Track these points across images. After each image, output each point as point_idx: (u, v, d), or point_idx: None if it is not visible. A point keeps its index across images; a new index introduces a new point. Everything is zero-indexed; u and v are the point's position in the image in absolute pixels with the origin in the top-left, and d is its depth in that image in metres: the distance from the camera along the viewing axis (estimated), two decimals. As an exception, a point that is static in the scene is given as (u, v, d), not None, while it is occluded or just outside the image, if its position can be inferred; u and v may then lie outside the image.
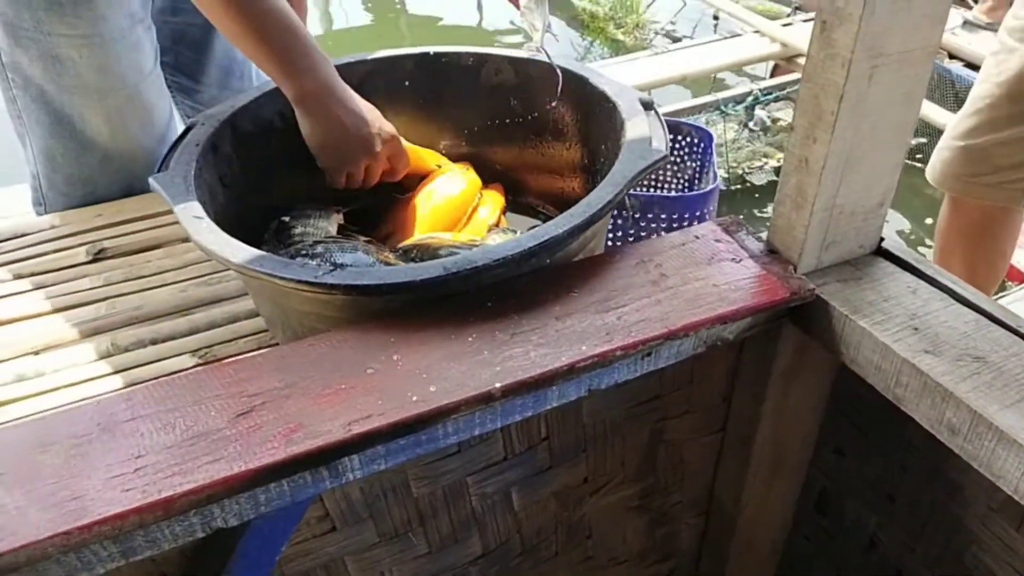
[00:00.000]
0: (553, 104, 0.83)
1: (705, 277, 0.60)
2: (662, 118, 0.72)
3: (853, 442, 0.76)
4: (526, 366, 0.52)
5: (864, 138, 0.56)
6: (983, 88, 1.27)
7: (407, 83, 0.89)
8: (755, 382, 0.71)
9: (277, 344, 0.76)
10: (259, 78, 1.20)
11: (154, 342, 0.77)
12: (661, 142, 0.68)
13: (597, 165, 0.81)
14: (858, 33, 0.50)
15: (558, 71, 0.80)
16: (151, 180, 0.67)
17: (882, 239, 0.65)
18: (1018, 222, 1.42)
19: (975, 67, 2.73)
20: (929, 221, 2.63)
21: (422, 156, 0.87)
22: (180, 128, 1.04)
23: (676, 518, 0.87)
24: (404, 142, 0.83)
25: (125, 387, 0.72)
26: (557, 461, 0.72)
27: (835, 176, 0.57)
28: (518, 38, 4.71)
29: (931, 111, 2.56)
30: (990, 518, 0.64)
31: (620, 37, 4.43)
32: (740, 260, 0.62)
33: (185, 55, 1.09)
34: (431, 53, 0.89)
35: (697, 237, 0.65)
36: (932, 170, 1.38)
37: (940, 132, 2.64)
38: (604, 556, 0.86)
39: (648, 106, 0.73)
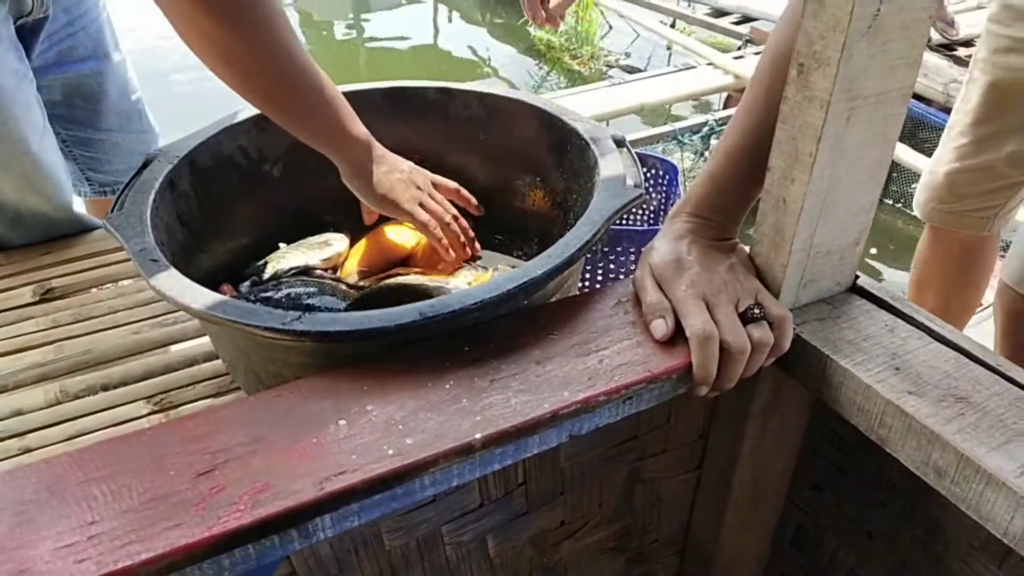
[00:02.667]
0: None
1: (685, 317, 0.59)
2: (635, 155, 0.71)
3: (830, 478, 0.75)
4: (507, 414, 0.50)
5: (841, 178, 0.56)
6: (953, 118, 1.31)
7: (376, 116, 0.87)
8: (734, 420, 0.70)
9: (238, 388, 0.72)
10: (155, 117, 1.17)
11: (105, 388, 0.73)
12: (635, 180, 0.67)
13: (569, 202, 0.80)
14: (836, 76, 0.50)
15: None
16: (104, 221, 0.64)
17: (857, 276, 0.65)
18: (993, 255, 1.44)
19: (924, 100, 2.83)
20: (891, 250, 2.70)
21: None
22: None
23: (652, 557, 0.85)
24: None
25: (75, 436, 0.68)
26: (534, 505, 0.70)
27: (813, 216, 0.56)
28: (471, 59, 4.74)
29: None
30: (972, 556, 0.64)
31: (576, 67, 4.50)
32: (718, 299, 0.61)
33: (80, 107, 1.04)
34: (399, 87, 0.88)
35: (674, 275, 0.64)
36: (915, 199, 1.41)
37: (900, 168, 2.69)
38: (580, 600, 0.84)
39: (620, 143, 0.73)
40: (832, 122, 0.52)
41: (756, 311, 0.55)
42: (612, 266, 1.05)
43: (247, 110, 0.79)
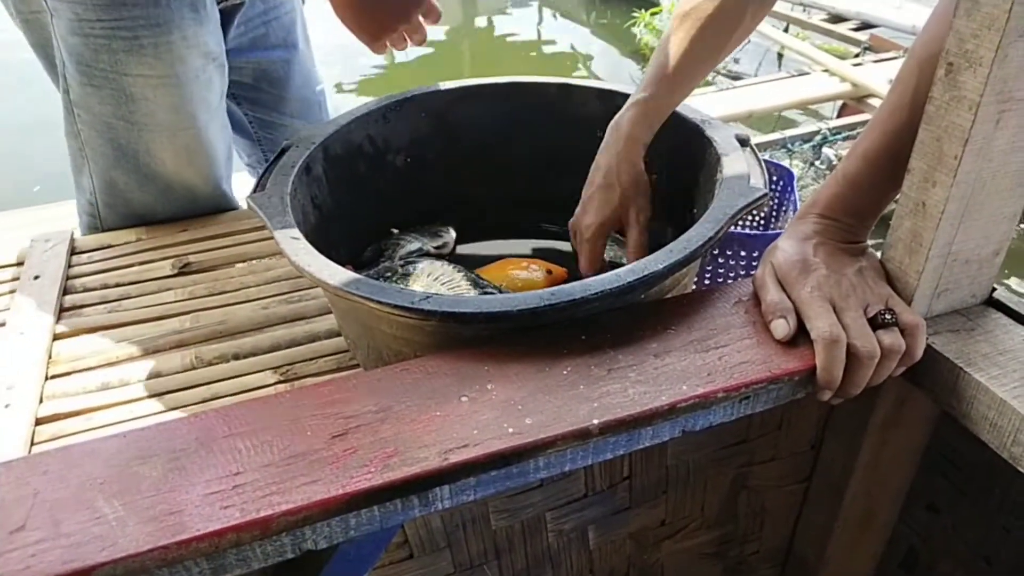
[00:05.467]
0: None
1: (807, 320, 0.58)
2: (759, 155, 0.71)
3: (949, 499, 0.72)
4: (624, 403, 0.51)
5: (986, 183, 0.53)
6: None
7: (492, 111, 0.89)
8: (850, 431, 0.68)
9: (357, 365, 0.76)
10: (335, 110, 1.23)
11: (236, 357, 0.78)
12: (760, 180, 0.67)
13: (685, 201, 0.80)
14: (988, 77, 0.48)
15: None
16: (248, 199, 0.68)
17: (993, 289, 0.62)
18: None
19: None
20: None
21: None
22: (234, 158, 1.07)
23: (752, 568, 0.84)
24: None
25: (209, 399, 0.73)
26: (637, 501, 0.70)
27: (953, 222, 0.54)
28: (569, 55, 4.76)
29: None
30: (1107, 593, 0.60)
31: (682, 72, 4.41)
32: (843, 304, 0.60)
33: (267, 92, 1.12)
34: (518, 82, 0.90)
35: (796, 278, 0.63)
36: None
37: None
38: (674, 603, 0.83)
39: (744, 143, 0.72)
40: (980, 124, 0.50)
41: (887, 316, 0.54)
42: (721, 270, 1.04)
43: (377, 101, 0.83)
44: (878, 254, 0.61)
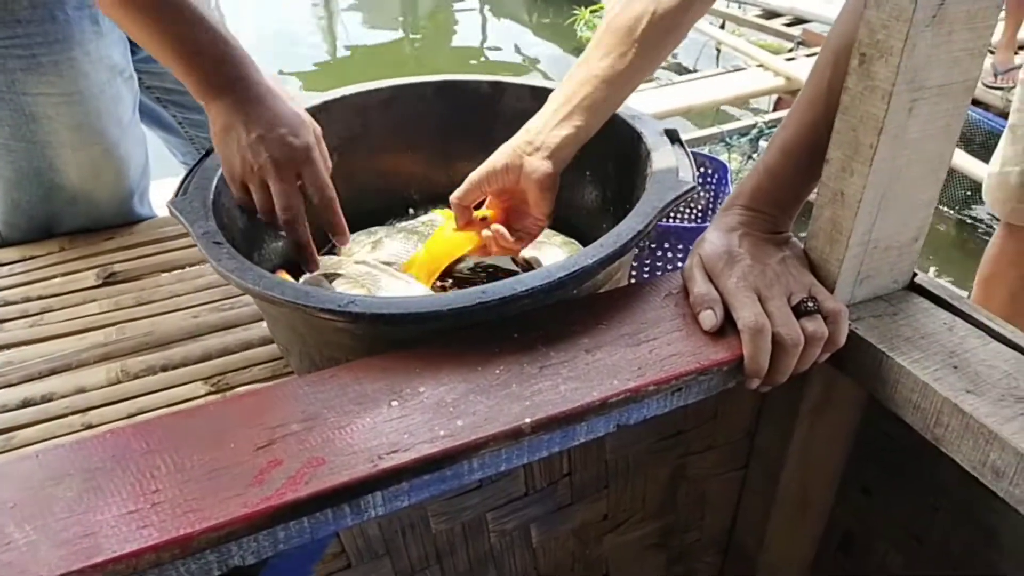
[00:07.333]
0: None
1: (736, 311, 0.59)
2: (688, 150, 0.71)
3: (881, 481, 0.74)
4: (556, 400, 0.51)
5: (901, 171, 0.55)
6: (1017, 116, 1.29)
7: (426, 109, 0.89)
8: (782, 418, 0.69)
9: (291, 372, 0.74)
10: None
11: (164, 368, 0.75)
12: (688, 173, 0.67)
13: (618, 196, 0.80)
14: (899, 66, 0.49)
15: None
16: (168, 205, 0.66)
17: (915, 274, 0.64)
18: None
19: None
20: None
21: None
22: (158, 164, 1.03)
23: (694, 557, 0.85)
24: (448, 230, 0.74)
25: (135, 414, 0.70)
26: (578, 497, 0.70)
27: (871, 210, 0.55)
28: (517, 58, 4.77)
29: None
30: (1028, 563, 0.62)
31: (623, 68, 4.46)
32: (771, 294, 0.61)
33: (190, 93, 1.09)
34: (451, 81, 0.89)
35: (725, 269, 0.64)
36: (985, 193, 1.43)
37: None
38: (621, 596, 0.84)
39: (674, 138, 0.72)
40: (894, 113, 0.51)
41: (810, 304, 0.55)
42: (659, 263, 1.05)
43: (308, 100, 0.82)
44: (801, 244, 0.62)
